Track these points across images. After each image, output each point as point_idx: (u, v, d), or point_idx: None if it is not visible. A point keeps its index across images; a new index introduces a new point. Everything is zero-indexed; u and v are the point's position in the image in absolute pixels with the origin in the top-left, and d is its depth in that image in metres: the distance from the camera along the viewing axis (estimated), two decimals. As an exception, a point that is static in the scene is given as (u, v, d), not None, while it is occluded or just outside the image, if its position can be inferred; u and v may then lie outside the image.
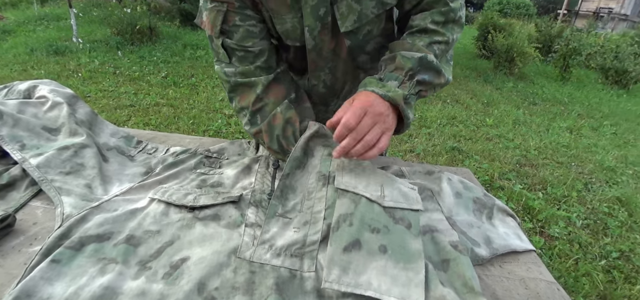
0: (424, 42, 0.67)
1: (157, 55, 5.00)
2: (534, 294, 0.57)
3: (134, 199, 0.62)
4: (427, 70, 0.66)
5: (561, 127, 4.18)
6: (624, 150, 3.71)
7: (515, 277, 0.60)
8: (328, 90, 0.83)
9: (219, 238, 0.55)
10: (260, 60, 0.72)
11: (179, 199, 0.61)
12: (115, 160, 0.76)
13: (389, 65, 0.67)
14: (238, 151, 0.85)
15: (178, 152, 0.82)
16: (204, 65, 4.91)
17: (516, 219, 0.74)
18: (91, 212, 0.56)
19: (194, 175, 0.73)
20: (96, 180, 0.64)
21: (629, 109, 5.53)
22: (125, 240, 0.51)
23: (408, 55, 0.65)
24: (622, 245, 2.13)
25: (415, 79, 0.65)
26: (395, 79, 0.65)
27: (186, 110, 3.35)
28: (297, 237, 0.57)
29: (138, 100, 3.46)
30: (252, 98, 0.72)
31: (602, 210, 2.48)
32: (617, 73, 6.95)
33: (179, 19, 6.98)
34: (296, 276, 0.51)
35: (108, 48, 5.06)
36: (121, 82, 3.92)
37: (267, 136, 0.74)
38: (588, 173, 3.06)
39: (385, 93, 0.62)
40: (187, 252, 0.52)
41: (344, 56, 0.76)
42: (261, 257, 0.53)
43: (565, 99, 5.54)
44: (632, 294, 1.79)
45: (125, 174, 0.71)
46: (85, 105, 0.84)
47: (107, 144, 0.80)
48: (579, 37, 7.03)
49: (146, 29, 5.48)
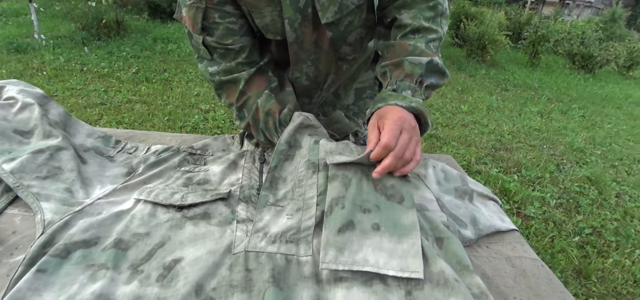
0: (422, 42, 0.66)
1: (126, 50, 4.81)
2: (521, 272, 0.59)
3: (118, 201, 0.59)
4: (434, 74, 0.66)
5: (532, 112, 4.34)
6: (591, 132, 3.89)
7: (502, 256, 0.62)
8: (311, 82, 0.82)
9: (212, 236, 0.53)
10: (241, 57, 0.72)
11: (166, 198, 0.59)
12: (93, 161, 0.72)
13: (395, 71, 0.66)
14: (222, 147, 0.83)
15: (160, 150, 0.79)
16: (177, 59, 4.77)
17: (498, 202, 0.77)
18: (74, 217, 0.53)
19: (179, 173, 0.70)
20: (76, 183, 0.61)
21: (595, 92, 5.80)
22: (113, 245, 0.49)
23: (415, 61, 0.64)
24: (593, 221, 2.24)
25: (425, 85, 0.65)
26: (408, 88, 0.64)
27: (161, 107, 3.25)
28: (291, 223, 0.56)
29: (109, 97, 3.33)
30: (237, 94, 0.74)
31: (573, 189, 2.60)
32: (584, 58, 7.27)
33: (147, 11, 6.73)
34: (293, 262, 0.50)
35: (73, 44, 4.82)
36: (90, 79, 3.75)
37: (254, 130, 0.76)
38: (559, 155, 3.19)
39: (409, 105, 0.60)
40: (180, 253, 0.50)
41: (326, 48, 0.76)
42: (256, 245, 0.52)
43: (536, 84, 5.75)
44: (605, 266, 1.89)
45: (106, 176, 0.68)
46: (58, 105, 0.79)
47: (83, 145, 0.76)
48: (547, 24, 7.27)
49: (113, 23, 5.25)
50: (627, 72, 7.78)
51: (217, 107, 3.34)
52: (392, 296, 0.46)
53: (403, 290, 0.47)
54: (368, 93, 0.96)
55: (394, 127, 0.57)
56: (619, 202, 2.56)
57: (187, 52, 5.10)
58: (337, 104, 0.94)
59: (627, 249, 2.05)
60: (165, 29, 6.24)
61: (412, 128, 0.59)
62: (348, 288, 0.47)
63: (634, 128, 4.34)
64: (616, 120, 4.57)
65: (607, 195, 2.59)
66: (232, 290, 0.46)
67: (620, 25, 11.89)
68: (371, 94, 0.97)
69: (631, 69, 7.76)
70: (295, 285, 0.47)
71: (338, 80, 0.87)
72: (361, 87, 0.95)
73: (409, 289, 0.47)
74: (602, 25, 9.79)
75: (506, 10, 9.87)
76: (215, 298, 0.44)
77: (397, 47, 0.67)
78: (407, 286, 0.47)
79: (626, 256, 1.99)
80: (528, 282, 0.58)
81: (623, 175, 3.00)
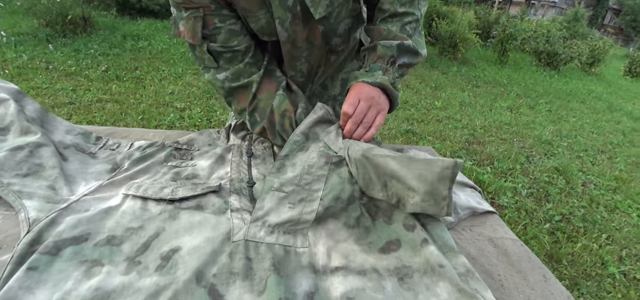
0: (397, 26, 0.71)
1: (94, 47, 4.62)
2: (502, 251, 0.63)
3: (105, 197, 0.57)
4: (406, 54, 0.72)
5: (502, 107, 4.50)
6: (558, 125, 4.09)
7: (484, 237, 0.66)
8: (305, 78, 0.83)
9: (208, 224, 0.53)
10: (248, 57, 0.72)
11: (155, 193, 0.58)
12: (75, 158, 0.69)
13: (371, 55, 0.72)
14: (208, 141, 0.82)
15: (144, 146, 0.77)
16: (148, 57, 4.62)
17: (477, 189, 0.80)
18: (60, 214, 0.51)
19: (166, 168, 0.69)
20: (59, 180, 0.58)
21: (560, 88, 6.09)
22: (106, 242, 0.48)
23: (387, 44, 0.70)
24: (562, 209, 2.36)
25: (397, 64, 0.71)
26: (379, 68, 0.70)
27: (133, 106, 3.15)
28: (291, 214, 0.56)
29: (77, 96, 3.19)
30: (249, 98, 0.74)
31: (543, 179, 2.72)
32: (549, 56, 7.62)
33: (116, 8, 6.48)
34: (291, 252, 0.51)
35: (37, 41, 4.57)
36: (56, 78, 3.57)
37: (270, 133, 0.75)
38: (528, 147, 3.34)
39: (374, 80, 0.68)
40: (176, 242, 0.49)
41: (318, 42, 0.77)
42: (255, 235, 0.52)
43: (505, 80, 5.97)
44: (575, 250, 1.99)
45: (89, 173, 0.66)
46: (34, 101, 0.76)
47: (63, 142, 0.73)
48: (514, 23, 7.57)
49: (79, 20, 5.02)
50: (589, 68, 8.22)
51: (193, 105, 3.27)
52: (386, 283, 0.48)
53: (395, 277, 0.49)
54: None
55: (352, 98, 0.66)
56: (585, 190, 2.71)
57: (159, 49, 4.96)
58: (324, 95, 0.95)
59: (594, 233, 2.17)
60: (135, 26, 6.03)
61: (371, 98, 0.67)
62: (344, 276, 0.48)
63: (597, 121, 4.60)
64: (580, 114, 4.82)
65: (574, 184, 2.73)
66: (234, 277, 0.46)
67: (583, 24, 12.54)
68: None
69: (593, 66, 8.21)
70: (294, 274, 0.48)
71: (327, 71, 0.89)
72: (347, 78, 0.96)
73: (400, 276, 0.49)
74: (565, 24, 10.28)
75: (476, 10, 10.18)
76: (217, 284, 0.44)
77: (374, 32, 0.73)
78: (399, 274, 0.49)
79: (593, 240, 2.11)
80: (510, 259, 0.61)
81: (588, 165, 3.17)
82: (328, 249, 0.52)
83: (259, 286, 0.45)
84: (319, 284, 0.47)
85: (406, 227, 0.57)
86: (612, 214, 2.46)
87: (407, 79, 5.07)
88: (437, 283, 0.47)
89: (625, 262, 2.01)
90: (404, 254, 0.53)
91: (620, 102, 6.21)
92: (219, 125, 2.94)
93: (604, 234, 2.19)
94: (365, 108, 0.66)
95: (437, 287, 0.47)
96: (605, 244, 2.11)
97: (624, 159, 3.49)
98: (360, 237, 0.55)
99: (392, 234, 0.56)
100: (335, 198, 0.58)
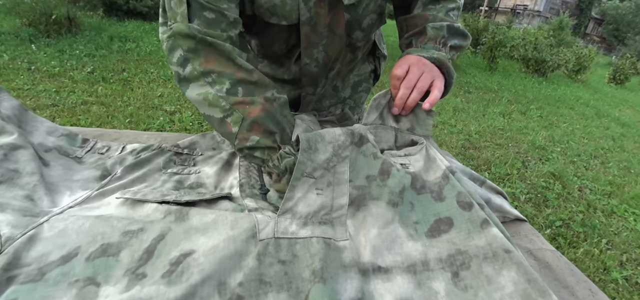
0: (442, 12, 0.67)
1: (79, 48, 4.46)
2: (544, 264, 0.57)
3: (95, 206, 0.49)
4: (456, 35, 0.67)
5: (495, 112, 4.50)
6: (550, 131, 4.10)
7: (523, 249, 0.59)
8: (320, 69, 0.75)
9: (225, 222, 0.44)
10: (233, 32, 0.58)
11: (156, 198, 0.49)
12: (58, 163, 0.60)
13: (420, 37, 0.67)
14: (212, 145, 0.73)
15: (138, 149, 0.68)
16: (136, 58, 4.49)
17: (505, 196, 0.74)
18: (39, 230, 0.42)
19: (166, 176, 0.61)
20: (39, 189, 0.49)
21: (549, 94, 6.15)
22: (100, 253, 0.39)
23: (437, 25, 0.65)
24: (562, 214, 2.33)
25: (449, 45, 0.66)
26: (432, 48, 0.64)
27: (121, 108, 3.02)
28: (323, 201, 0.48)
29: (61, 98, 3.05)
30: (231, 67, 0.56)
31: (540, 184, 2.70)
32: (537, 63, 7.71)
33: (102, 8, 6.31)
34: (331, 247, 0.43)
35: (19, 41, 4.39)
36: (39, 79, 3.42)
37: (261, 110, 0.56)
38: (524, 152, 3.32)
39: (430, 55, 0.62)
40: (188, 245, 0.40)
41: (340, 31, 0.70)
42: (287, 230, 0.44)
43: (495, 86, 6.00)
44: (577, 256, 1.96)
45: (74, 180, 0.57)
46: (11, 97, 0.67)
47: (44, 145, 0.63)
48: (503, 30, 7.64)
49: (64, 20, 4.85)
50: (575, 75, 8.36)
51: (184, 108, 3.16)
52: (439, 284, 0.41)
53: (449, 272, 0.42)
54: (363, 86, 0.93)
55: (402, 63, 0.62)
56: (582, 195, 2.69)
57: (148, 51, 4.83)
58: (334, 97, 0.88)
59: (595, 239, 2.15)
60: (122, 27, 5.88)
61: (423, 64, 0.61)
62: (391, 279, 0.41)
63: (586, 127, 4.64)
64: (570, 119, 4.86)
65: (571, 189, 2.71)
66: (265, 288, 0.37)
67: (567, 32, 12.80)
68: (366, 87, 0.94)
69: (579, 73, 8.34)
70: (337, 276, 0.39)
71: (341, 71, 0.82)
72: (358, 81, 0.90)
73: (454, 270, 0.42)
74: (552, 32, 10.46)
75: (464, 17, 10.28)
76: (245, 297, 0.36)
77: (417, 18, 0.68)
78: (452, 267, 0.42)
79: (594, 245, 2.08)
80: (554, 274, 0.55)
81: (582, 170, 3.17)
82: (371, 241, 0.44)
83: (297, 299, 0.37)
84: (364, 288, 0.40)
85: (461, 206, 0.49)
86: (609, 219, 2.44)
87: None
88: (500, 272, 0.40)
89: (626, 266, 1.99)
90: (458, 237, 0.45)
91: (607, 108, 6.30)
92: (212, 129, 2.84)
93: (604, 239, 2.17)
94: (417, 72, 0.60)
95: (501, 277, 0.40)
96: (606, 248, 2.09)
97: (616, 163, 3.51)
98: (404, 215, 0.48)
99: (443, 211, 0.48)
100: (366, 176, 0.50)
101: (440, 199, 0.50)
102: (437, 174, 0.54)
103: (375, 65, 0.92)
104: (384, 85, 4.82)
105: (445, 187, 0.51)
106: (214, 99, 0.55)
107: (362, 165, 0.52)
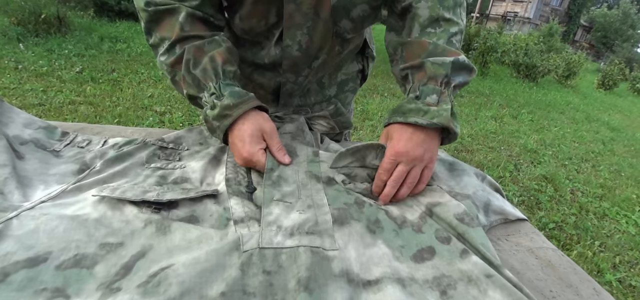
0: (444, 38, 0.57)
1: (68, 48, 4.38)
2: (546, 263, 0.56)
3: (70, 202, 0.45)
4: (461, 71, 0.57)
5: (487, 116, 4.53)
6: (541, 135, 4.13)
7: (524, 248, 0.58)
8: (303, 54, 0.71)
9: (209, 240, 0.41)
10: (191, 2, 0.60)
11: (136, 196, 0.46)
12: (33, 157, 0.57)
13: (417, 74, 0.58)
14: (199, 140, 0.70)
15: (121, 143, 0.65)
16: (126, 59, 4.43)
17: (501, 192, 0.73)
18: (7, 225, 0.38)
19: (149, 171, 0.57)
20: (10, 182, 0.46)
21: (539, 99, 6.21)
22: (73, 263, 0.36)
23: (439, 62, 0.55)
24: (554, 217, 2.33)
25: (452, 85, 0.57)
26: (433, 92, 0.55)
27: (109, 109, 2.97)
28: (306, 216, 0.46)
29: (48, 98, 2.98)
30: (176, 27, 0.60)
31: (532, 187, 2.70)
32: (527, 68, 7.81)
33: (93, 8, 6.24)
34: (319, 255, 0.40)
35: (6, 40, 4.30)
36: (26, 78, 3.35)
37: (183, 67, 0.60)
38: (516, 155, 3.33)
39: (430, 121, 0.53)
40: (168, 261, 0.38)
41: (325, 16, 0.66)
42: (272, 240, 0.42)
43: (487, 91, 6.04)
44: (571, 258, 1.96)
45: (51, 174, 0.53)
46: (-15, 87, 0.63)
47: (20, 137, 0.60)
48: (494, 36, 7.73)
49: (54, 19, 4.77)
50: (565, 81, 8.47)
51: (174, 109, 3.11)
52: (429, 296, 0.41)
53: (437, 291, 0.41)
54: (350, 86, 0.89)
55: (389, 161, 0.55)
56: (574, 198, 2.71)
57: (139, 52, 4.77)
58: (320, 94, 0.85)
59: (588, 241, 2.15)
60: (113, 27, 5.81)
61: (414, 159, 0.55)
62: (382, 290, 0.39)
63: (577, 131, 4.69)
64: (561, 124, 4.90)
65: (563, 192, 2.72)
66: (249, 299, 0.35)
67: (557, 39, 13.01)
68: (353, 87, 0.90)
69: (569, 79, 8.46)
70: (326, 286, 0.37)
71: (327, 64, 0.78)
72: (345, 79, 0.87)
73: (442, 289, 0.42)
74: (542, 38, 10.62)
75: (457, 22, 10.37)
76: None
77: (415, 46, 0.58)
78: (440, 286, 0.42)
79: (587, 248, 2.08)
80: (557, 273, 0.54)
81: (573, 173, 3.19)
82: (359, 255, 0.43)
83: None
84: (355, 299, 0.38)
85: (440, 240, 0.49)
86: (601, 221, 2.45)
87: (392, 87, 5.05)
88: (486, 292, 0.40)
89: (619, 269, 1.99)
90: (440, 263, 0.45)
91: (597, 113, 6.39)
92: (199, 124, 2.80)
93: (597, 241, 2.17)
94: (404, 171, 0.54)
95: (487, 297, 0.40)
96: (598, 251, 2.09)
97: (607, 167, 3.54)
98: (389, 239, 0.47)
99: (424, 242, 0.49)
100: (343, 203, 0.52)
101: (421, 231, 0.51)
102: (415, 215, 0.54)
103: (363, 64, 0.88)
104: (375, 88, 4.82)
105: (424, 225, 0.52)
106: (160, 64, 0.63)
107: (336, 196, 0.53)
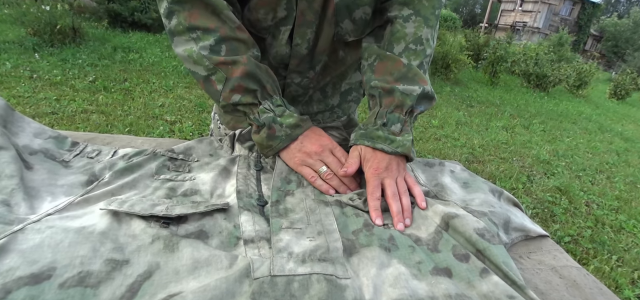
0: (417, 61, 0.63)
1: (82, 58, 4.46)
2: (572, 283, 0.53)
3: (77, 215, 0.44)
4: (423, 100, 0.64)
5: (498, 126, 4.47)
6: (554, 145, 4.06)
7: (547, 267, 0.56)
8: (309, 53, 0.71)
9: (218, 263, 0.39)
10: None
11: (145, 209, 0.45)
12: (42, 167, 0.56)
13: (386, 99, 0.63)
14: (209, 151, 0.69)
15: (130, 154, 0.64)
16: (139, 69, 4.49)
17: (520, 207, 0.70)
18: (12, 239, 0.37)
19: (158, 182, 0.56)
20: (17, 194, 0.45)
21: (551, 109, 6.13)
22: (78, 281, 0.34)
23: (407, 92, 0.61)
24: (570, 230, 2.27)
25: (415, 114, 0.64)
26: (397, 120, 0.62)
27: (121, 118, 3.00)
28: (317, 243, 0.44)
29: (61, 107, 3.02)
30: (215, 22, 0.57)
31: (546, 199, 2.64)
32: (538, 78, 7.73)
33: (107, 19, 6.35)
34: (332, 283, 0.38)
35: (22, 49, 4.40)
36: (40, 87, 3.41)
37: (242, 72, 0.58)
38: (528, 166, 3.27)
39: (394, 150, 0.60)
40: (176, 286, 0.36)
41: (330, 15, 0.66)
42: (283, 267, 0.40)
43: (497, 101, 5.98)
44: (588, 275, 1.90)
45: (58, 185, 0.52)
46: (-4, 97, 0.63)
47: (29, 147, 0.59)
48: (504, 46, 7.68)
49: (69, 30, 4.87)
50: (576, 91, 8.36)
51: (185, 118, 3.13)
52: None
53: None
54: (353, 95, 0.89)
55: (373, 185, 0.58)
56: (589, 210, 2.64)
57: (151, 62, 4.83)
58: (322, 103, 0.84)
59: (605, 255, 2.08)
60: (126, 38, 5.91)
61: (393, 170, 0.60)
62: None
63: (590, 141, 4.60)
64: (573, 134, 4.82)
65: (577, 204, 2.66)
66: None
67: (567, 48, 12.88)
68: (356, 96, 0.90)
69: (580, 88, 8.35)
70: None
71: (330, 69, 0.77)
72: (348, 89, 0.86)
73: None
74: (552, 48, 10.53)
75: (466, 33, 10.35)
76: None
77: (390, 63, 0.63)
78: None
79: (605, 262, 2.02)
80: (583, 294, 0.51)
81: (588, 185, 3.12)
82: (372, 279, 0.41)
83: None
84: None
85: (457, 258, 0.47)
86: (618, 235, 2.38)
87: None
88: None
89: (638, 284, 1.92)
90: (459, 285, 0.43)
91: (610, 123, 6.28)
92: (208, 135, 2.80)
93: (614, 255, 2.10)
94: (393, 184, 0.58)
95: None
96: (616, 266, 2.03)
97: (622, 178, 3.46)
98: (404, 257, 0.45)
99: (441, 262, 0.46)
100: (352, 231, 0.50)
101: (437, 250, 0.48)
102: (430, 229, 0.52)
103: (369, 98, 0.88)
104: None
105: (440, 242, 0.50)
106: (198, 57, 0.57)
107: (345, 222, 0.52)
